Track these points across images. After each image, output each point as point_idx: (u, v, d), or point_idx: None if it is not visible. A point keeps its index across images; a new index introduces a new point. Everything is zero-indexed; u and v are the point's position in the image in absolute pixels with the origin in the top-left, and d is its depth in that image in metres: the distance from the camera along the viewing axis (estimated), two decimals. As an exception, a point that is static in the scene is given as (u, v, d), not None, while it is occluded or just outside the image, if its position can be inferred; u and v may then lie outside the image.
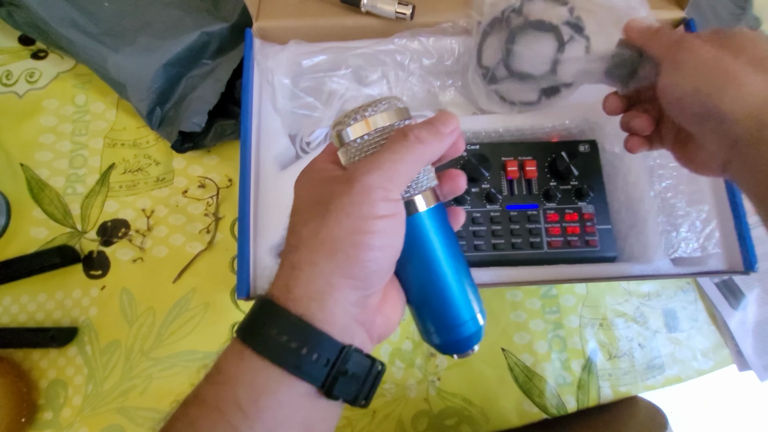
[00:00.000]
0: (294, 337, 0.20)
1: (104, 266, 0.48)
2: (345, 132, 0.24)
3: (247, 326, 0.21)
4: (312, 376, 0.20)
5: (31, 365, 0.45)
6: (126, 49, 0.48)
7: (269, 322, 0.21)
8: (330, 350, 0.21)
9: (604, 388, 0.45)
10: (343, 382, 0.21)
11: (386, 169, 0.22)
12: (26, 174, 0.51)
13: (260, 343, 0.20)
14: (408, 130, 0.23)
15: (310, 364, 0.20)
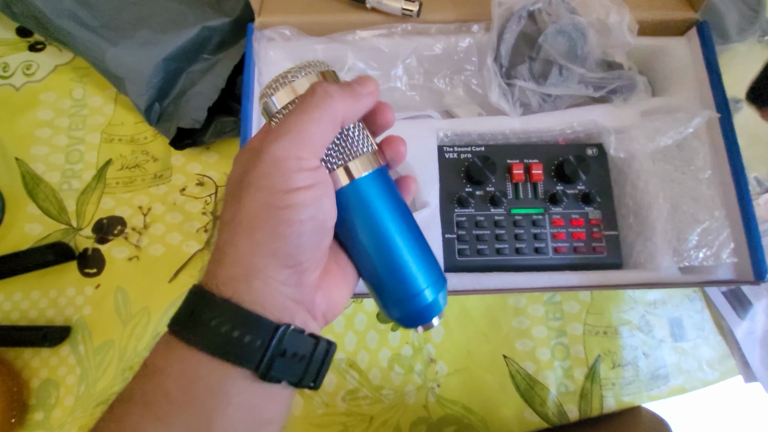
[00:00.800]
0: (224, 321, 0.19)
1: (99, 264, 0.47)
2: (270, 101, 0.22)
3: (177, 317, 0.20)
4: (245, 359, 0.19)
5: (23, 364, 0.44)
6: (125, 42, 0.47)
7: (197, 309, 0.20)
8: (263, 331, 0.20)
9: (608, 397, 0.44)
10: (281, 363, 0.20)
11: (296, 133, 0.20)
12: (21, 168, 0.50)
13: (189, 331, 0.19)
14: (317, 86, 0.21)
15: (242, 346, 0.19)
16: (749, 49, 0.53)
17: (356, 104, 0.22)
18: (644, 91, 0.44)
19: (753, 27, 0.53)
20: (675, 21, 0.46)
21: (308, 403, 0.43)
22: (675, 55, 0.46)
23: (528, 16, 0.42)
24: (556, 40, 0.41)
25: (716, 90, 0.43)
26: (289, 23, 0.44)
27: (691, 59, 0.45)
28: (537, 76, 0.42)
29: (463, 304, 0.46)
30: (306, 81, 0.22)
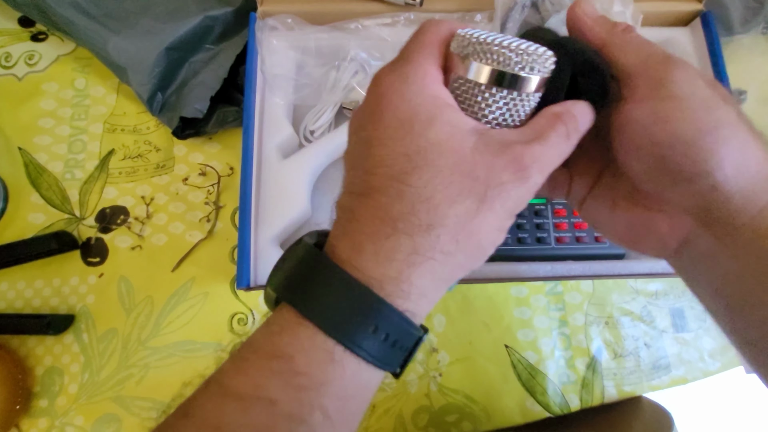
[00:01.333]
0: (396, 335, 0.18)
1: (102, 253, 0.47)
2: (524, 77, 0.19)
3: (340, 318, 0.18)
4: (393, 365, 0.19)
5: (27, 352, 0.45)
6: (127, 31, 0.47)
7: (369, 317, 0.17)
8: (413, 338, 0.19)
9: (609, 387, 0.45)
10: (409, 361, 0.20)
11: (549, 167, 0.19)
12: (24, 158, 0.50)
13: (358, 343, 0.17)
14: (569, 126, 0.19)
15: (395, 353, 0.19)
16: (753, 41, 0.53)
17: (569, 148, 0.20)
18: (648, 81, 0.44)
19: (757, 19, 0.52)
20: (679, 12, 0.45)
21: (311, 392, 0.44)
22: (679, 45, 0.46)
23: (531, 5, 0.42)
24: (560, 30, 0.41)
25: (720, 81, 0.43)
26: (291, 12, 0.44)
27: (694, 50, 0.45)
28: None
29: (465, 294, 0.46)
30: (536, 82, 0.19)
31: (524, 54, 0.18)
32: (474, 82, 0.19)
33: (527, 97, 0.19)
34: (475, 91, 0.19)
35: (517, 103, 0.19)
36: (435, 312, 0.46)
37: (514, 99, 0.19)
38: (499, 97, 0.19)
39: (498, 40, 0.19)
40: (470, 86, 0.19)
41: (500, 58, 0.18)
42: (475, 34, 0.19)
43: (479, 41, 0.19)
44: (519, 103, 0.19)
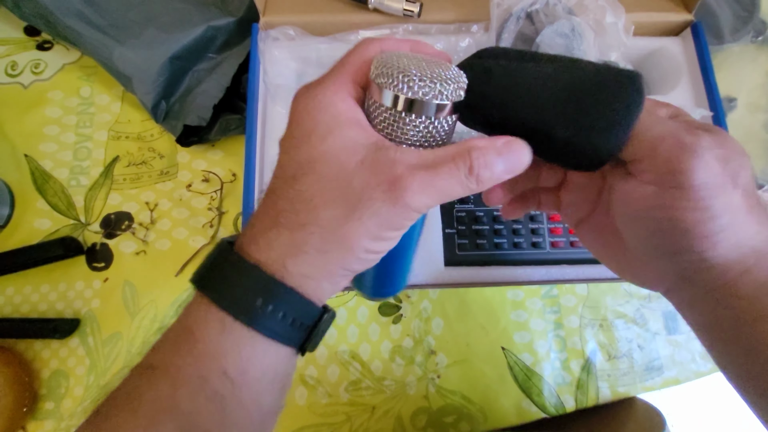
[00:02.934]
0: (289, 312, 0.20)
1: (107, 258, 0.48)
2: (428, 102, 0.19)
3: (229, 293, 0.20)
4: (294, 341, 0.21)
5: (34, 355, 0.46)
6: (132, 41, 0.48)
7: (258, 293, 0.20)
8: (311, 316, 0.21)
9: (603, 388, 0.46)
10: (314, 340, 0.22)
11: (434, 196, 0.19)
12: (30, 165, 0.51)
13: (254, 318, 0.20)
14: (474, 162, 0.19)
15: (295, 331, 0.21)
16: (743, 49, 0.54)
17: (505, 173, 0.20)
18: (639, 90, 0.45)
19: (746, 27, 0.54)
20: (670, 22, 0.47)
21: (312, 394, 0.44)
22: (670, 55, 0.47)
23: (526, 16, 0.43)
24: (554, 41, 0.42)
25: (710, 89, 0.44)
26: (292, 23, 0.45)
27: (685, 59, 0.46)
28: (535, 75, 0.43)
29: (462, 298, 0.47)
30: (447, 110, 0.20)
31: (429, 80, 0.19)
32: (385, 106, 0.20)
33: (440, 120, 0.20)
34: (388, 114, 0.20)
35: (431, 126, 0.20)
36: (433, 315, 0.47)
37: (424, 122, 0.20)
38: (408, 121, 0.20)
39: (409, 65, 0.19)
40: (383, 109, 0.20)
41: (403, 86, 0.19)
42: (391, 58, 0.20)
43: (390, 66, 0.19)
44: (432, 127, 0.20)
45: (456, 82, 0.20)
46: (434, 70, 0.19)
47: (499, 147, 0.20)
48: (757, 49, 0.55)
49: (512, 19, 0.43)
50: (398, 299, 0.47)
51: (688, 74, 0.46)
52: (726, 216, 0.19)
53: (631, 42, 0.44)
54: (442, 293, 0.47)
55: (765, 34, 0.55)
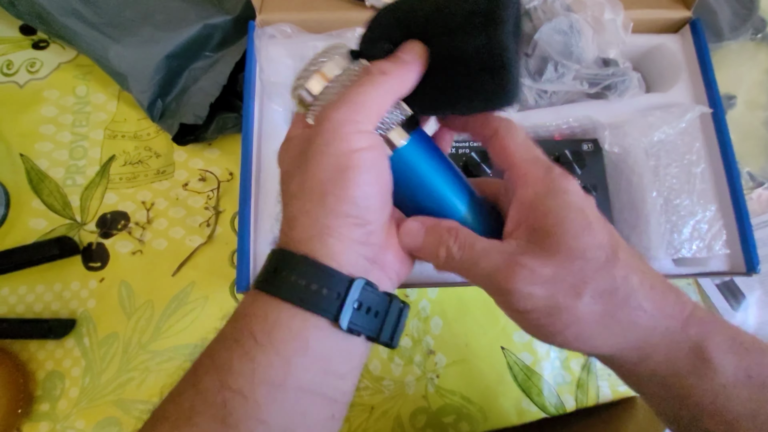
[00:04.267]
0: (301, 275, 0.21)
1: (103, 258, 0.48)
2: (304, 92, 0.23)
3: (261, 276, 0.22)
4: (323, 309, 0.21)
5: (29, 356, 0.45)
6: (128, 39, 0.48)
7: (278, 267, 0.21)
8: (339, 284, 0.21)
9: (603, 388, 0.45)
10: (359, 316, 0.21)
11: (353, 102, 0.21)
12: (26, 164, 0.50)
13: (270, 285, 0.21)
14: (371, 66, 0.22)
15: (321, 297, 0.20)
16: (742, 47, 0.54)
17: (408, 74, 0.22)
18: (638, 87, 0.44)
19: (745, 25, 0.54)
20: (669, 19, 0.46)
21: (309, 394, 0.44)
22: (668, 52, 0.47)
23: (524, 13, 0.43)
24: (552, 38, 0.42)
25: (709, 86, 0.44)
26: (289, 21, 0.45)
27: (684, 56, 0.46)
28: (533, 72, 0.43)
29: (461, 297, 0.47)
30: (334, 65, 0.23)
31: (297, 78, 0.23)
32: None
33: (321, 96, 0.23)
34: (309, 112, 0.24)
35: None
36: (432, 315, 0.46)
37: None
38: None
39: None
40: (309, 111, 0.24)
41: (296, 91, 0.24)
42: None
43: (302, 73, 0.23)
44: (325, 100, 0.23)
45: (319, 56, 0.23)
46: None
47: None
48: (756, 46, 0.55)
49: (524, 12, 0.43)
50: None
51: (688, 72, 0.46)
52: (571, 328, 0.21)
53: (629, 39, 0.44)
54: (441, 292, 0.47)
55: (764, 32, 0.55)
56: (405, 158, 0.24)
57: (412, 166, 0.24)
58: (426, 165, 0.24)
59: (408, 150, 0.23)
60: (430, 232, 0.24)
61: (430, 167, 0.24)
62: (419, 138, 0.24)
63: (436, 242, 0.23)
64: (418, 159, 0.24)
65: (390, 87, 0.22)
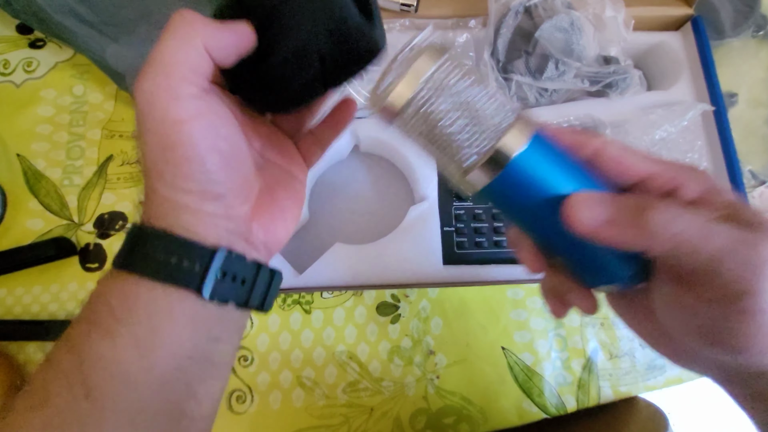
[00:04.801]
0: (161, 249, 0.20)
1: (101, 259, 0.47)
2: (388, 103, 0.19)
3: (118, 254, 0.21)
4: (184, 281, 0.20)
5: (26, 358, 0.45)
6: (125, 38, 0.47)
7: (136, 243, 0.20)
8: (199, 255, 0.20)
9: (605, 388, 0.45)
10: (223, 285, 0.21)
11: (159, 63, 0.19)
12: (22, 165, 0.50)
13: (129, 262, 0.20)
14: (175, 13, 0.21)
15: (181, 270, 0.20)
16: (743, 44, 0.54)
17: (219, 32, 0.20)
18: (640, 85, 0.44)
19: (747, 22, 0.53)
20: (670, 16, 0.46)
21: (309, 395, 0.44)
22: (670, 49, 0.46)
23: (524, 11, 0.43)
24: (552, 35, 0.42)
25: (711, 84, 0.44)
26: (288, 19, 0.45)
27: (685, 54, 0.46)
28: (533, 70, 0.43)
29: (461, 297, 0.46)
30: (422, 63, 0.19)
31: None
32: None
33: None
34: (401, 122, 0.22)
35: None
36: (432, 315, 0.46)
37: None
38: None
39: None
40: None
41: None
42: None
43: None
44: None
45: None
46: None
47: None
48: (758, 44, 0.54)
49: (510, 14, 0.42)
50: (396, 298, 0.47)
51: (689, 69, 0.45)
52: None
53: (630, 36, 0.43)
54: (441, 292, 0.47)
55: (766, 29, 0.54)
56: (528, 165, 0.19)
57: (539, 169, 0.19)
58: (555, 165, 0.20)
59: (522, 164, 0.19)
60: (623, 200, 0.18)
61: (560, 166, 0.20)
62: (534, 145, 0.19)
63: (637, 208, 0.18)
64: (543, 158, 0.19)
65: (197, 32, 0.20)
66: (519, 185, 0.20)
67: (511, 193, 0.20)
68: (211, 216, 0.21)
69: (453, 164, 0.20)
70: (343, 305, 0.46)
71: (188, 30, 0.20)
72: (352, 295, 0.47)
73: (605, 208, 0.18)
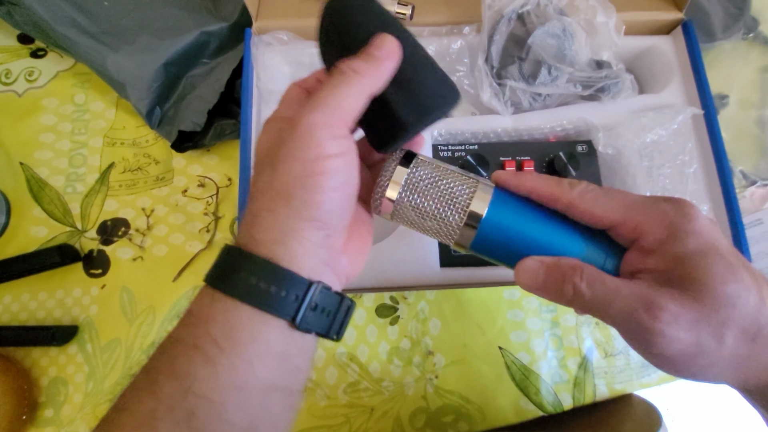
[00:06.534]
0: (262, 278, 0.21)
1: (104, 265, 0.48)
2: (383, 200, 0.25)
3: (216, 273, 0.22)
4: (282, 311, 0.21)
5: (32, 363, 0.46)
6: (125, 48, 0.48)
7: (237, 267, 0.21)
8: (298, 287, 0.21)
9: (600, 386, 0.46)
10: (313, 316, 0.22)
11: (327, 105, 0.22)
12: (26, 173, 0.51)
13: (230, 286, 0.21)
14: (342, 65, 0.22)
15: (280, 300, 0.21)
16: (734, 46, 0.55)
17: (380, 71, 0.23)
18: (631, 88, 0.45)
19: (738, 25, 0.54)
20: (661, 21, 0.47)
21: (311, 396, 0.45)
22: (661, 53, 0.47)
23: (517, 17, 0.43)
24: (545, 41, 0.43)
25: (701, 87, 0.45)
26: (285, 28, 0.45)
27: (676, 57, 0.47)
28: (527, 76, 0.43)
29: (459, 298, 0.47)
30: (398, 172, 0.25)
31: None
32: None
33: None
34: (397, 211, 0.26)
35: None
36: (430, 316, 0.47)
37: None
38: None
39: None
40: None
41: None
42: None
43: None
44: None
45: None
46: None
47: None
48: (748, 45, 0.55)
49: (504, 21, 0.43)
50: (395, 300, 0.47)
51: (680, 72, 0.46)
52: (713, 369, 0.21)
53: (622, 41, 0.44)
54: (439, 294, 0.48)
55: (756, 31, 0.55)
56: (495, 219, 0.24)
57: (505, 225, 0.25)
58: (519, 217, 0.25)
59: (493, 219, 0.24)
60: (552, 270, 0.23)
61: (524, 218, 0.25)
62: (497, 201, 0.25)
63: (559, 280, 0.23)
64: (508, 214, 0.25)
65: (363, 86, 0.22)
66: (494, 235, 0.25)
67: (491, 242, 0.25)
68: (313, 245, 0.22)
69: (444, 238, 0.26)
70: (343, 308, 0.47)
71: (358, 82, 0.22)
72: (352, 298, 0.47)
73: (538, 278, 0.24)
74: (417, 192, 0.25)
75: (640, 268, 0.22)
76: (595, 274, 0.22)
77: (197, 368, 0.20)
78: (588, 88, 0.44)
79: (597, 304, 0.22)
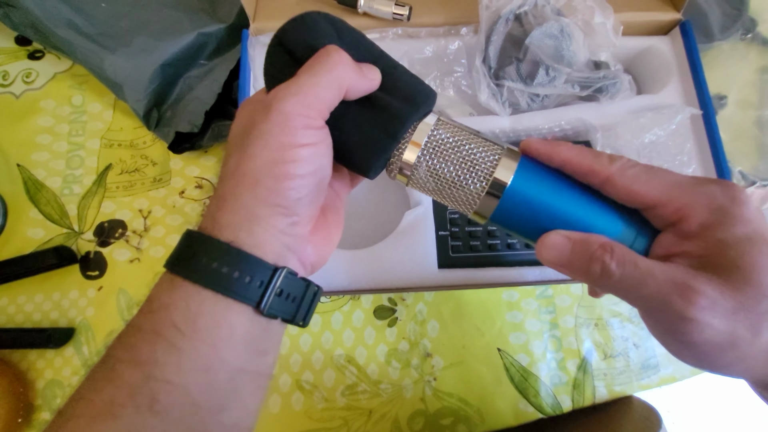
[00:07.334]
0: (225, 263, 0.20)
1: (101, 267, 0.48)
2: (401, 162, 0.23)
3: (176, 258, 0.21)
4: (246, 297, 0.21)
5: (28, 365, 0.45)
6: (123, 49, 0.48)
7: (199, 252, 0.21)
8: (262, 272, 0.21)
9: (600, 387, 0.46)
10: (278, 302, 0.22)
11: (305, 94, 0.21)
12: (23, 174, 0.51)
13: (190, 271, 0.20)
14: (331, 49, 0.22)
15: (244, 286, 0.21)
16: (732, 46, 0.55)
17: (360, 81, 0.22)
18: (629, 89, 0.45)
19: (736, 25, 0.54)
20: (659, 21, 0.47)
21: (308, 399, 0.44)
22: (659, 54, 0.47)
23: (514, 18, 0.43)
24: (543, 42, 0.43)
25: (699, 87, 0.44)
26: (283, 29, 0.45)
27: (674, 58, 0.47)
28: (525, 76, 0.43)
29: (457, 300, 0.47)
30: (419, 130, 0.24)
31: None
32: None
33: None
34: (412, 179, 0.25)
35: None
36: (428, 318, 0.47)
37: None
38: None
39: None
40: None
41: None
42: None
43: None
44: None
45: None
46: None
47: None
48: (746, 46, 0.55)
49: (501, 21, 0.43)
50: (393, 302, 0.47)
51: (678, 73, 0.46)
52: (743, 363, 0.20)
53: (620, 42, 0.44)
54: (437, 295, 0.47)
55: (754, 32, 0.55)
56: (520, 190, 0.23)
57: (531, 196, 0.23)
58: (546, 189, 0.23)
59: (518, 189, 0.23)
60: (579, 247, 0.22)
61: (552, 190, 0.23)
62: (523, 169, 0.23)
63: (586, 258, 0.21)
64: (534, 185, 0.23)
65: (341, 81, 0.22)
66: (517, 206, 0.23)
67: (514, 213, 0.23)
68: (279, 231, 0.22)
69: (462, 206, 0.24)
70: (341, 309, 0.47)
71: (338, 74, 0.21)
72: (350, 300, 0.47)
73: (563, 255, 0.22)
74: (438, 156, 0.23)
75: (675, 251, 0.21)
76: (627, 253, 0.21)
77: (158, 354, 0.19)
78: (586, 89, 0.44)
79: (626, 285, 0.21)
